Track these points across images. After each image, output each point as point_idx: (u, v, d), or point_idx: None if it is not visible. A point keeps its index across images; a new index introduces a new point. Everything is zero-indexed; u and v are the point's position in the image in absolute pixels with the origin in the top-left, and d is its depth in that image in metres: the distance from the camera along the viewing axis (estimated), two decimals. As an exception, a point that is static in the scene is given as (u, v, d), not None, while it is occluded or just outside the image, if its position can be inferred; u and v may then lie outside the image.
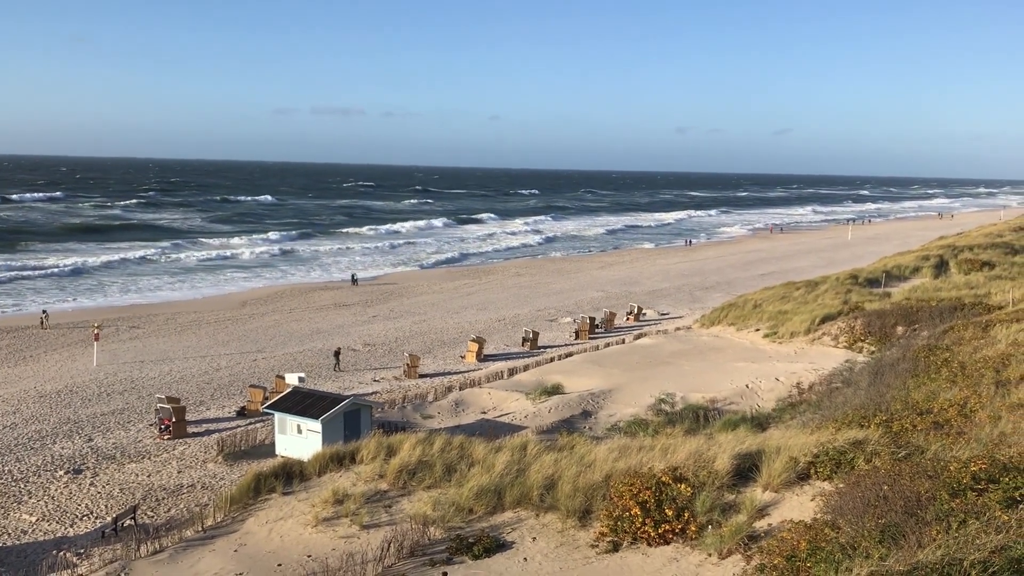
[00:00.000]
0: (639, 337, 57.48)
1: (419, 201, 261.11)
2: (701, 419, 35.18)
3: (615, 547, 19.50)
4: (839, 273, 75.97)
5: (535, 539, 20.90)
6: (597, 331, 62.11)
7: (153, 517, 28.08)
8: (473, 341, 53.75)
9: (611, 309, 68.56)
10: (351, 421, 33.08)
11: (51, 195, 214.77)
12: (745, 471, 21.54)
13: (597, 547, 19.76)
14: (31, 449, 35.07)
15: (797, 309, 57.21)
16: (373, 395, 42.83)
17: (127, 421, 39.28)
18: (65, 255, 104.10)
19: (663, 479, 20.35)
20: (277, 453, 33.16)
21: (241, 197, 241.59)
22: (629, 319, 67.70)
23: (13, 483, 31.23)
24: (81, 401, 42.31)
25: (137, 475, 32.21)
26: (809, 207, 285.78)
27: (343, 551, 21.27)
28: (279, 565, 21.30)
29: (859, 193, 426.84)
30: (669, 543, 19.02)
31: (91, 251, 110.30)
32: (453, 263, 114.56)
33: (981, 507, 13.71)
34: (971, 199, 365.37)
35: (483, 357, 52.77)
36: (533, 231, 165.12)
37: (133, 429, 38.08)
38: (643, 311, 70.09)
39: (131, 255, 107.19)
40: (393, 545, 20.67)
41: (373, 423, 34.64)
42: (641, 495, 19.76)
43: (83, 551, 25.27)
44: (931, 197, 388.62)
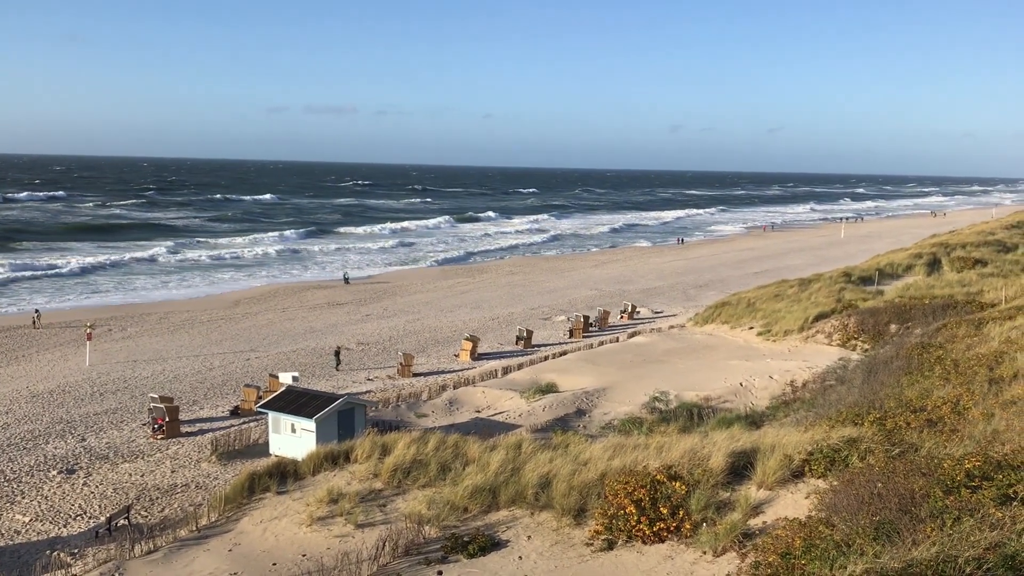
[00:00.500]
0: (633, 335, 57.53)
1: (419, 200, 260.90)
2: (695, 417, 35.22)
3: (610, 545, 19.51)
4: (832, 271, 76.15)
5: (530, 538, 20.90)
6: (591, 329, 62.15)
7: (147, 517, 28.00)
8: (467, 340, 53.72)
9: (605, 307, 68.59)
10: (345, 420, 33.03)
11: (51, 194, 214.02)
12: (739, 469, 21.57)
13: (592, 545, 19.77)
14: (24, 449, 34.96)
15: (790, 307, 57.34)
16: (367, 394, 42.79)
17: (120, 421, 39.18)
18: (71, 255, 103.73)
19: (658, 477, 20.36)
20: (271, 452, 33.10)
21: (242, 196, 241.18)
22: (623, 317, 67.74)
23: (6, 483, 31.13)
24: (74, 401, 42.19)
25: (131, 475, 32.13)
26: (807, 205, 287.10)
27: (338, 550, 21.24)
28: (274, 564, 21.27)
29: (855, 191, 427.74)
30: (664, 541, 19.03)
31: (98, 251, 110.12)
32: (461, 261, 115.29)
33: (975, 504, 13.74)
34: (965, 197, 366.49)
35: (477, 356, 52.76)
36: (537, 230, 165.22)
37: (126, 429, 37.98)
38: (637, 309, 70.14)
39: (138, 255, 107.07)
40: (388, 544, 20.66)
41: (367, 422, 34.58)
42: (636, 493, 19.77)
43: (77, 551, 25.20)
44: (927, 195, 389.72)
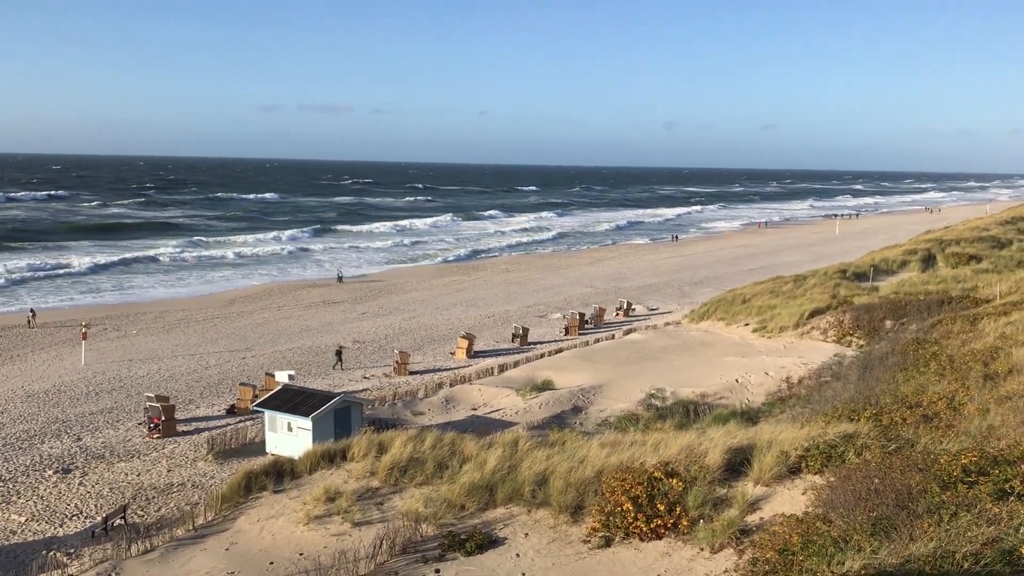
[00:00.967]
0: (629, 332, 57.55)
1: (421, 198, 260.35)
2: (691, 414, 35.27)
3: (607, 542, 19.53)
4: (827, 267, 76.21)
5: (527, 535, 20.91)
6: (587, 327, 62.17)
7: (143, 516, 27.95)
8: (463, 338, 53.70)
9: (601, 305, 68.61)
10: (341, 419, 33.01)
11: (52, 193, 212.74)
12: (736, 465, 21.61)
13: (589, 542, 19.79)
14: (19, 449, 34.87)
15: (786, 303, 57.38)
16: (363, 392, 42.76)
17: (116, 420, 39.10)
18: (80, 254, 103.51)
19: (655, 474, 20.38)
20: (267, 451, 33.06)
21: (244, 195, 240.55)
22: (619, 315, 67.77)
23: (1, 484, 31.04)
24: (69, 400, 42.10)
25: (127, 474, 32.07)
26: (807, 201, 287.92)
27: (335, 549, 21.22)
28: (271, 563, 21.25)
29: (854, 187, 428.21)
30: (661, 538, 19.05)
31: (108, 250, 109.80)
32: (472, 257, 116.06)
33: (972, 499, 13.78)
34: (962, 193, 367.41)
35: (473, 353, 52.74)
36: (541, 227, 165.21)
37: (122, 428, 37.90)
38: (633, 306, 70.18)
39: (149, 253, 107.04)
40: (385, 542, 20.65)
41: (363, 420, 34.56)
42: (633, 490, 19.79)
43: (73, 551, 25.15)
44: (924, 191, 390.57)
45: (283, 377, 40.76)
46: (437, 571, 19.26)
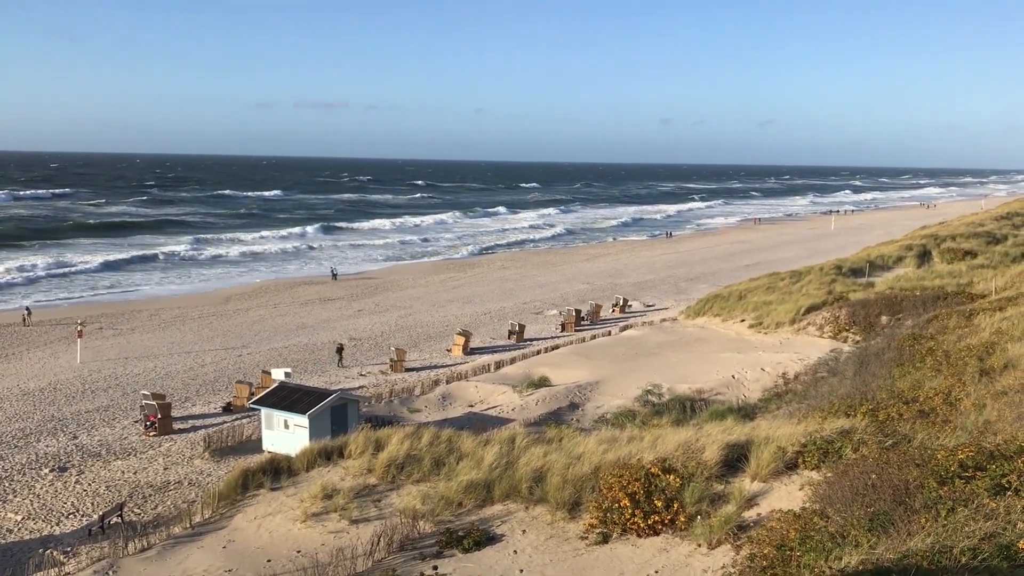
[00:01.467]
0: (625, 329, 57.57)
1: (424, 196, 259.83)
2: (688, 410, 35.31)
3: (605, 539, 19.53)
4: (823, 263, 76.32)
5: (525, 532, 20.91)
6: (583, 323, 62.18)
7: (140, 514, 27.93)
8: (459, 334, 53.69)
9: (597, 301, 68.65)
10: (338, 416, 32.99)
11: (56, 191, 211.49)
12: (733, 461, 21.61)
13: (587, 539, 19.79)
14: (15, 447, 34.81)
15: (782, 299, 57.44)
16: (360, 389, 42.76)
17: (112, 418, 39.05)
18: (92, 253, 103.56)
19: (652, 470, 20.38)
20: (264, 449, 33.02)
21: (247, 192, 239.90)
22: (615, 311, 67.80)
23: (-3, 482, 31.00)
24: (65, 398, 42.02)
25: (123, 472, 32.03)
26: (808, 197, 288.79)
27: (333, 546, 21.21)
28: (268, 561, 21.23)
29: (852, 183, 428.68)
30: (659, 534, 19.05)
31: (121, 248, 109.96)
32: (482, 254, 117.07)
33: (969, 494, 13.80)
34: (960, 188, 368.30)
35: (469, 350, 52.72)
36: (547, 224, 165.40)
37: (118, 426, 37.85)
38: (629, 303, 70.22)
39: (161, 250, 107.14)
40: (383, 539, 20.64)
41: (360, 418, 34.54)
42: (630, 486, 19.78)
43: (70, 549, 25.12)
44: (922, 187, 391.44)
45: (279, 374, 40.72)
46: (435, 568, 19.24)
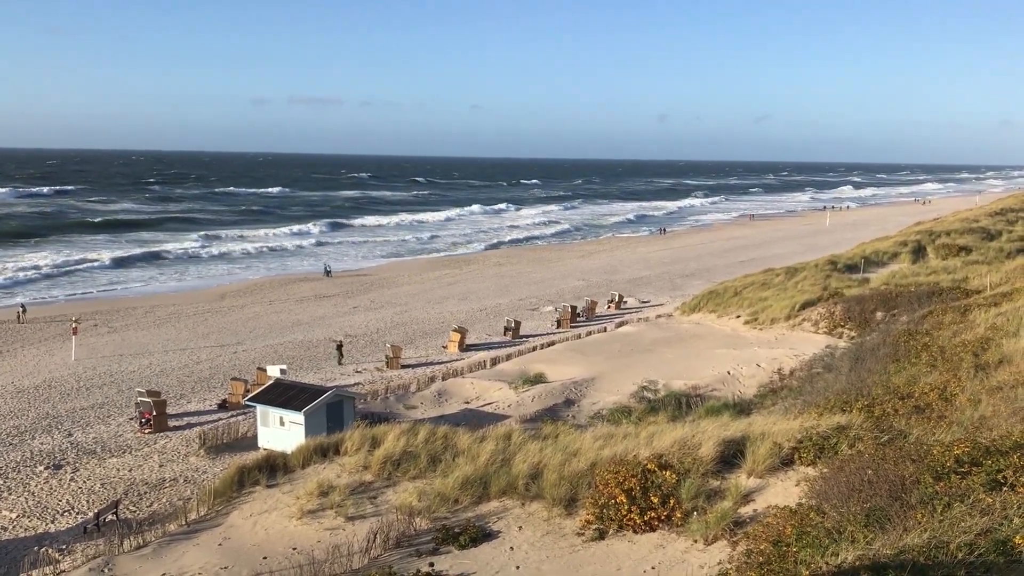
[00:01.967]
0: (620, 325, 57.60)
1: (427, 192, 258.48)
2: (684, 406, 35.31)
3: (601, 535, 19.54)
4: (818, 259, 76.44)
5: (521, 528, 20.91)
6: (579, 320, 62.19)
7: (135, 512, 27.88)
8: (455, 331, 53.66)
9: (592, 297, 68.63)
10: (334, 413, 32.92)
11: (59, 189, 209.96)
12: (729, 457, 21.62)
13: (583, 535, 19.80)
14: (9, 445, 34.71)
15: (777, 295, 57.53)
16: (356, 386, 42.72)
17: (107, 415, 38.96)
18: (107, 249, 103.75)
19: (648, 466, 20.39)
20: (260, 446, 32.98)
21: (251, 189, 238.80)
22: (610, 307, 67.82)
23: (-8, 479, 30.92)
24: (60, 396, 41.92)
25: (118, 470, 31.97)
26: (808, 193, 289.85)
27: (329, 543, 21.20)
28: (264, 558, 21.20)
29: (852, 179, 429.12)
30: (655, 530, 19.07)
31: (132, 244, 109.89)
32: (491, 250, 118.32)
33: (965, 490, 13.81)
34: (957, 184, 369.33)
35: (465, 347, 52.70)
36: (551, 221, 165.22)
37: (113, 423, 37.78)
38: (624, 299, 70.22)
39: (176, 247, 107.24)
40: (379, 536, 20.63)
41: (356, 414, 34.50)
42: (627, 483, 19.79)
43: (65, 547, 25.06)
44: (921, 183, 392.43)
45: (275, 371, 40.60)
46: (431, 564, 19.23)
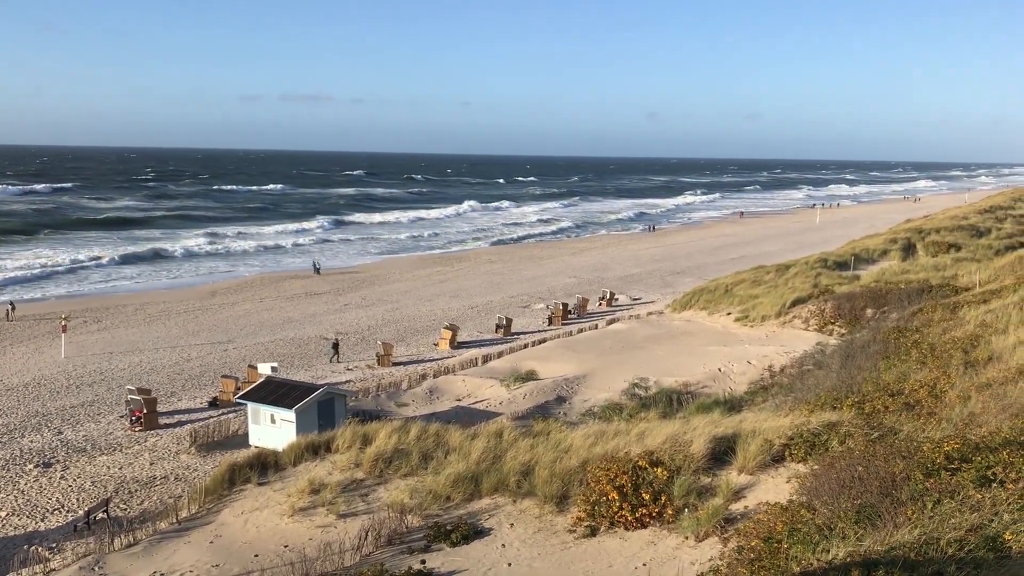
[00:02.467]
0: (612, 322, 57.67)
1: (426, 189, 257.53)
2: (675, 403, 35.40)
3: (593, 532, 19.57)
4: (808, 257, 76.67)
5: (513, 525, 20.92)
6: (570, 317, 62.24)
7: (126, 510, 27.80)
8: (446, 328, 53.64)
9: (584, 295, 68.70)
10: (325, 410, 32.89)
11: (57, 186, 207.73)
12: (720, 454, 21.69)
13: (575, 532, 19.83)
14: (-1, 443, 34.56)
15: (767, 293, 57.66)
16: (347, 384, 42.66)
17: (97, 413, 38.82)
18: (114, 246, 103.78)
19: (640, 463, 20.42)
20: (251, 443, 32.94)
21: (250, 186, 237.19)
22: (602, 304, 67.89)
23: (-19, 478, 30.78)
24: (49, 394, 41.75)
25: (109, 468, 31.86)
26: (804, 190, 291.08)
27: (320, 541, 21.17)
28: (256, 556, 21.16)
29: (846, 177, 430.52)
30: (646, 527, 19.11)
31: (139, 241, 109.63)
32: (503, 243, 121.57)
33: (955, 486, 13.86)
34: (949, 182, 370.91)
35: (457, 344, 52.69)
36: (554, 217, 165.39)
37: (103, 421, 37.65)
38: (615, 296, 70.32)
39: (183, 244, 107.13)
40: (371, 534, 20.61)
41: (347, 412, 34.48)
42: (618, 479, 19.82)
43: (55, 545, 24.97)
44: (914, 180, 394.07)
45: (266, 369, 40.58)
46: (423, 562, 19.23)
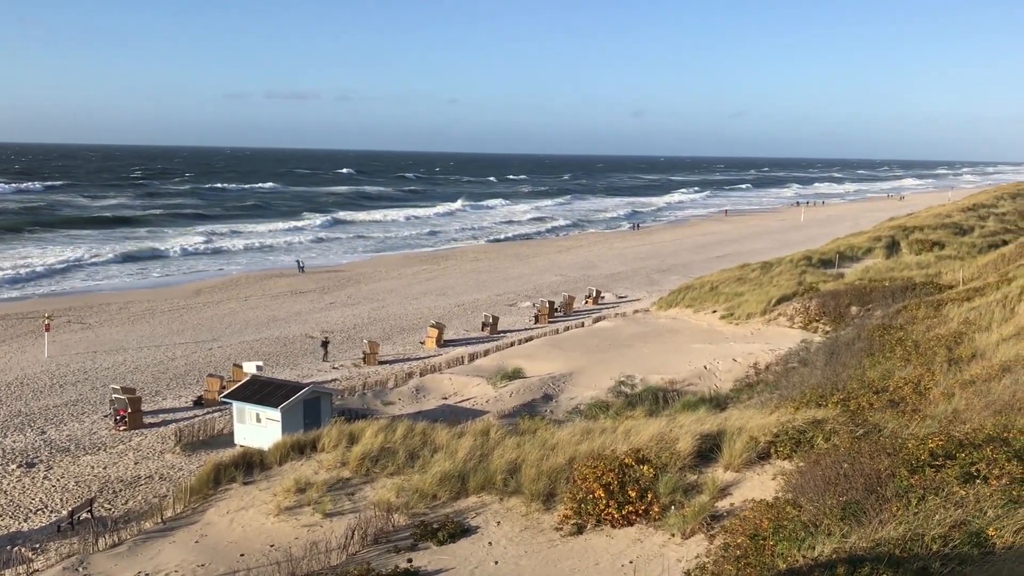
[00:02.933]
0: (598, 320, 57.74)
1: (419, 188, 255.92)
2: (661, 401, 35.46)
3: (579, 529, 19.59)
4: (793, 255, 77.00)
5: (499, 523, 20.92)
6: (556, 315, 62.26)
7: (110, 510, 27.64)
8: (433, 327, 53.55)
9: (570, 293, 68.73)
10: (311, 409, 32.80)
11: (48, 184, 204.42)
12: (706, 452, 21.74)
13: (561, 530, 19.84)
14: (-19, 443, 34.27)
15: (753, 291, 57.90)
16: (333, 382, 42.52)
17: (81, 413, 38.56)
18: (106, 244, 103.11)
19: (626, 461, 20.46)
20: (236, 443, 32.82)
21: (242, 185, 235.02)
22: (588, 302, 67.96)
23: (-37, 478, 30.51)
24: (32, 393, 41.43)
25: (93, 467, 31.66)
26: (793, 188, 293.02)
27: (306, 540, 21.12)
28: (241, 555, 21.08)
29: (832, 175, 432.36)
30: (633, 524, 19.14)
31: (136, 240, 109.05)
32: (501, 241, 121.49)
33: (939, 483, 13.95)
34: (935, 180, 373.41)
35: (443, 343, 52.62)
36: (549, 215, 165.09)
37: (87, 421, 37.40)
38: (601, 294, 70.40)
39: (182, 242, 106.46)
40: (357, 533, 20.57)
41: (333, 411, 34.38)
42: (604, 477, 19.86)
43: (38, 546, 24.78)
44: (900, 178, 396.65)
45: (251, 368, 40.42)
46: (410, 561, 19.21)
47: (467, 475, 23.31)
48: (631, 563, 17.60)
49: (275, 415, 31.63)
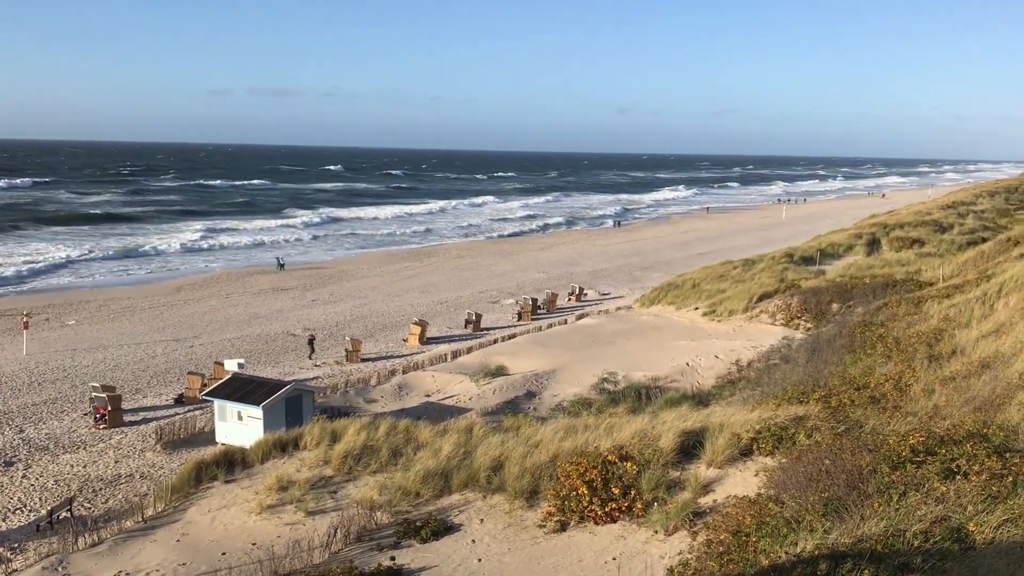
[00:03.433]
0: (581, 317, 57.78)
1: (409, 185, 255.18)
2: (643, 397, 35.54)
3: (563, 526, 19.60)
4: (775, 252, 77.24)
5: (483, 521, 20.90)
6: (539, 312, 62.27)
7: (90, 509, 27.40)
8: (415, 324, 53.43)
9: (553, 290, 68.74)
10: (293, 407, 32.63)
11: (37, 180, 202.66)
12: (689, 448, 21.81)
13: (545, 527, 19.85)
14: (-41, 442, 33.91)
15: (734, 287, 58.06)
16: (315, 380, 42.35)
17: (60, 411, 38.22)
18: (97, 240, 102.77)
19: (609, 458, 20.49)
20: (217, 441, 32.60)
21: (232, 182, 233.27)
22: (571, 300, 68.01)
23: (-59, 477, 30.18)
24: (10, 391, 41.03)
25: (72, 466, 31.38)
26: (780, 186, 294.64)
27: (289, 538, 21.02)
28: (223, 554, 20.96)
29: (817, 172, 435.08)
30: (616, 521, 19.17)
31: (134, 237, 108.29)
32: (495, 239, 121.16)
33: (920, 479, 14.06)
34: (918, 178, 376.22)
35: (426, 340, 52.52)
36: (540, 213, 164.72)
37: (67, 419, 37.07)
38: (584, 291, 70.47)
39: (179, 239, 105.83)
40: (340, 531, 20.50)
41: (315, 409, 34.23)
42: (588, 474, 19.89)
43: (17, 546, 24.55)
44: (883, 176, 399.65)
45: (232, 365, 40.18)
46: (392, 559, 19.15)
47: (450, 473, 23.27)
48: (614, 560, 17.63)
49: (257, 413, 31.46)
